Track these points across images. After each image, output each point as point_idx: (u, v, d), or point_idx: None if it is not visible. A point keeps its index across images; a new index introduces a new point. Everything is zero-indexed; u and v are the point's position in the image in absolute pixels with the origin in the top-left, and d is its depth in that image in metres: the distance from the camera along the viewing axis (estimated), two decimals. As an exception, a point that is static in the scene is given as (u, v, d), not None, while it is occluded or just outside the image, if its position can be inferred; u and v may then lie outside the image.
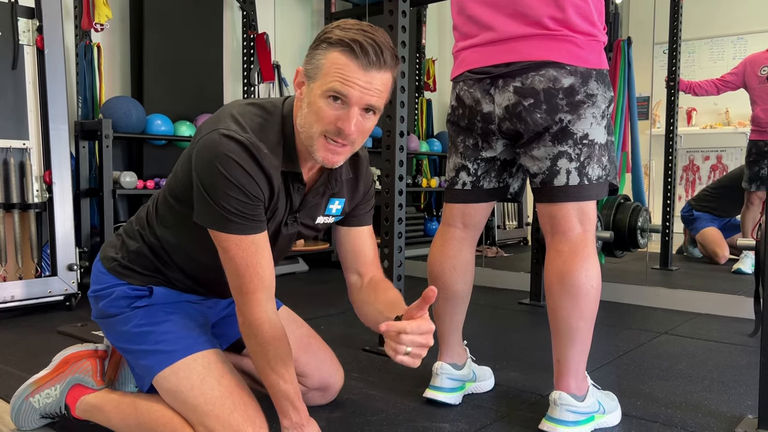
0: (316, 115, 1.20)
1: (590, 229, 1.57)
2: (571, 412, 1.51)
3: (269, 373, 1.30)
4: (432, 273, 1.77)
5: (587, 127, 1.54)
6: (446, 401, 1.71)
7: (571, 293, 1.52)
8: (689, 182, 6.25)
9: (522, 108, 1.54)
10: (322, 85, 1.18)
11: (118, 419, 1.39)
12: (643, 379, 1.96)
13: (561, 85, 1.51)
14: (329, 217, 1.44)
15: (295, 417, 1.32)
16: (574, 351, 1.54)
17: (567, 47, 1.52)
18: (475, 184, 1.71)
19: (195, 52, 3.83)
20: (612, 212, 3.33)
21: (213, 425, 1.28)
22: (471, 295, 1.80)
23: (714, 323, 2.73)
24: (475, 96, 1.62)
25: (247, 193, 1.22)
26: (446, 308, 1.77)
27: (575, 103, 1.52)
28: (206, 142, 1.23)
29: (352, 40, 1.16)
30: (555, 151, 1.54)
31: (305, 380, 1.63)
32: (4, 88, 2.74)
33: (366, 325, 1.39)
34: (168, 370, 1.34)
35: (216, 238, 1.26)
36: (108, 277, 1.43)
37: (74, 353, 1.51)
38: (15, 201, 2.75)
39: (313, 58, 1.20)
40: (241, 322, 1.30)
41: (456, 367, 1.75)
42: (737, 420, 1.62)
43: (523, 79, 1.53)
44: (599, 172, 1.56)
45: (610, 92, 1.58)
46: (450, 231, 1.76)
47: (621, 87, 3.35)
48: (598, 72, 1.55)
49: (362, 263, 1.47)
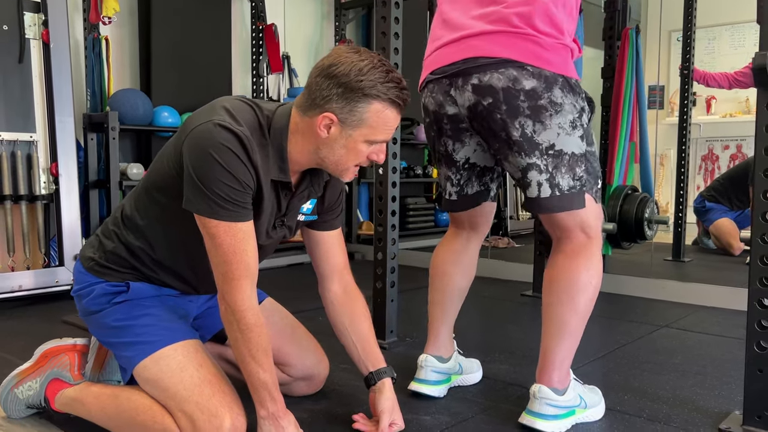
0: (356, 155, 1.33)
1: (594, 234, 1.54)
2: (550, 406, 1.50)
3: (249, 361, 1.32)
4: (434, 264, 1.81)
5: (554, 137, 1.47)
6: (430, 394, 1.72)
7: (568, 287, 1.51)
8: (708, 172, 6.14)
9: (482, 108, 1.49)
10: (368, 135, 1.30)
11: (98, 410, 1.42)
12: (634, 373, 1.94)
13: (522, 87, 1.45)
14: (301, 215, 1.49)
15: (272, 407, 1.34)
16: (562, 345, 1.53)
17: (529, 46, 1.45)
18: (460, 193, 1.72)
19: (203, 44, 3.86)
20: (619, 203, 3.29)
21: (191, 411, 1.30)
22: (474, 287, 1.82)
23: (718, 316, 2.68)
24: (437, 100, 1.60)
25: (240, 181, 1.27)
26: (442, 299, 1.78)
27: (537, 108, 1.45)
28: (201, 131, 1.27)
29: (396, 96, 1.28)
30: (524, 163, 1.50)
31: (289, 370, 1.66)
32: (11, 82, 2.80)
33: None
34: (148, 359, 1.37)
35: (204, 225, 1.29)
36: (87, 276, 1.47)
37: (53, 347, 1.55)
38: (23, 193, 2.82)
39: (353, 108, 1.27)
40: (223, 309, 1.32)
41: (441, 360, 1.75)
42: (724, 416, 1.60)
43: (480, 76, 1.48)
44: (569, 182, 1.49)
45: (581, 102, 1.51)
46: (458, 231, 1.80)
47: (629, 76, 3.29)
48: (564, 79, 1.48)
49: (333, 266, 1.57)
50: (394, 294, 2.25)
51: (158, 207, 1.39)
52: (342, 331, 1.58)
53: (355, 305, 1.58)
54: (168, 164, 1.34)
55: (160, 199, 1.38)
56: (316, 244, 1.57)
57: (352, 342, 1.56)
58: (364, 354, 1.54)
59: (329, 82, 1.25)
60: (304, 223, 1.53)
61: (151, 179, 1.40)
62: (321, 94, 1.27)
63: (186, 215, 1.30)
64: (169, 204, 1.35)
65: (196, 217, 1.29)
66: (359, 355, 1.55)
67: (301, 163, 1.37)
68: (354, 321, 1.57)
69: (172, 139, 1.37)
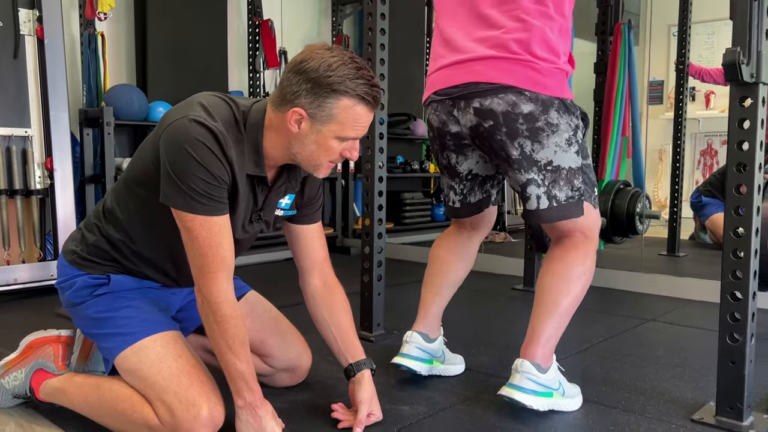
0: (327, 150, 1.34)
1: (591, 235, 1.65)
2: (531, 381, 1.54)
3: (226, 352, 1.34)
4: (434, 252, 1.89)
5: (551, 155, 1.58)
6: (413, 368, 1.76)
7: (563, 275, 1.60)
8: (707, 167, 6.12)
9: (483, 129, 1.59)
10: (337, 131, 1.31)
11: (80, 399, 1.45)
12: (615, 366, 1.96)
13: (520, 111, 1.55)
14: (279, 210, 1.52)
15: (249, 397, 1.36)
16: (549, 323, 1.59)
17: (527, 72, 1.55)
18: (463, 201, 1.81)
19: (199, 40, 3.89)
20: (610, 198, 3.30)
21: (170, 400, 1.33)
22: (466, 281, 1.89)
23: (705, 310, 2.70)
24: (441, 118, 1.70)
25: (214, 175, 1.29)
26: (436, 283, 1.84)
27: (535, 130, 1.56)
28: (177, 127, 1.29)
29: (365, 93, 1.29)
30: (523, 179, 1.60)
31: (272, 361, 1.68)
32: (6, 78, 2.83)
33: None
34: (128, 350, 1.39)
35: (181, 219, 1.32)
36: (70, 269, 1.50)
37: (38, 339, 1.58)
38: (18, 187, 2.85)
39: (321, 104, 1.28)
40: (200, 301, 1.35)
41: (427, 339, 1.79)
42: (699, 407, 1.62)
43: (482, 101, 1.58)
44: (567, 192, 1.60)
45: (575, 120, 1.61)
46: (459, 230, 1.88)
47: (621, 71, 3.30)
48: (560, 101, 1.58)
49: (314, 258, 1.60)
50: (381, 287, 2.27)
51: (138, 200, 1.42)
52: (322, 323, 1.61)
53: (334, 298, 1.61)
54: (146, 159, 1.37)
55: (139, 193, 1.41)
56: (297, 237, 1.59)
57: (332, 334, 1.59)
58: (343, 346, 1.57)
59: (299, 78, 1.28)
60: (283, 217, 1.55)
61: (131, 173, 1.43)
62: (291, 90, 1.29)
63: (164, 209, 1.33)
64: (148, 198, 1.38)
65: (173, 210, 1.31)
66: (339, 347, 1.58)
67: (276, 159, 1.39)
68: (334, 314, 1.59)
69: (151, 135, 1.39)
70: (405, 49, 5.10)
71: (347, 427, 1.48)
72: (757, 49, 1.40)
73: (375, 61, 2.17)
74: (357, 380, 1.53)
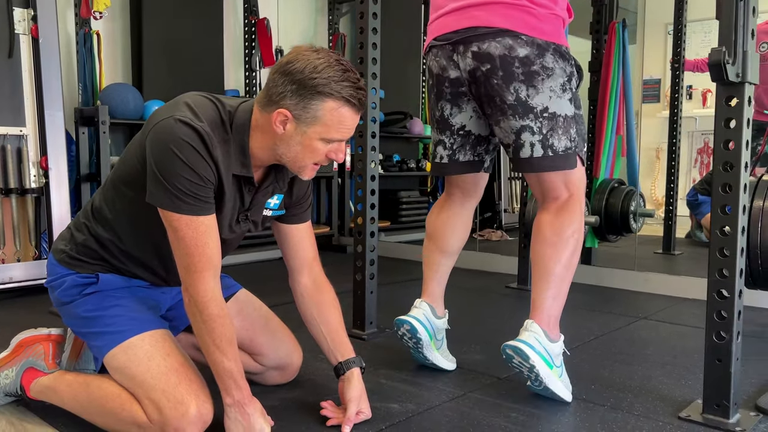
0: (312, 152, 1.34)
1: (578, 193, 1.67)
2: (538, 341, 1.56)
3: (213, 350, 1.35)
4: (429, 226, 1.91)
5: (546, 100, 1.60)
6: (416, 328, 1.78)
7: (552, 239, 1.63)
8: (704, 165, 6.14)
9: (480, 73, 1.62)
10: (322, 133, 1.31)
11: (70, 398, 1.46)
12: (605, 364, 1.97)
13: (516, 54, 1.58)
14: (268, 210, 1.52)
15: (237, 395, 1.37)
16: (548, 293, 1.62)
17: (524, 17, 1.59)
18: (451, 157, 1.81)
19: (195, 39, 3.89)
20: (605, 196, 3.32)
21: (158, 398, 1.34)
22: (460, 279, 1.93)
23: (698, 308, 2.70)
24: (441, 63, 1.72)
25: (200, 175, 1.30)
26: (436, 257, 1.88)
27: (530, 74, 1.59)
28: (162, 127, 1.30)
29: (350, 96, 1.29)
30: (518, 125, 1.62)
31: (262, 359, 1.69)
32: (1, 77, 2.83)
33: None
34: (117, 348, 1.40)
35: (167, 219, 1.32)
36: (59, 268, 1.51)
37: (28, 337, 1.59)
38: (13, 186, 2.86)
39: (306, 105, 1.29)
40: (186, 301, 1.36)
41: (434, 313, 1.83)
42: (687, 404, 1.63)
43: (480, 44, 1.61)
44: (566, 143, 1.62)
45: (570, 67, 1.64)
46: (451, 197, 1.90)
47: (615, 69, 3.31)
48: (556, 46, 1.61)
49: (303, 258, 1.61)
50: (374, 286, 2.28)
51: (125, 200, 1.43)
52: (311, 322, 1.61)
53: (324, 297, 1.62)
54: (133, 158, 1.38)
55: (126, 192, 1.42)
56: (286, 237, 1.60)
57: (322, 333, 1.60)
58: (333, 344, 1.58)
59: (284, 79, 1.29)
60: (272, 217, 1.56)
61: (118, 173, 1.44)
62: (276, 91, 1.30)
63: (151, 208, 1.33)
64: (135, 197, 1.38)
65: (159, 210, 1.32)
66: (328, 345, 1.59)
67: (262, 159, 1.40)
68: (323, 312, 1.60)
69: (138, 134, 1.40)
70: (401, 48, 5.11)
71: (336, 424, 1.49)
72: (743, 49, 1.40)
73: (367, 61, 2.18)
74: (346, 378, 1.53)
